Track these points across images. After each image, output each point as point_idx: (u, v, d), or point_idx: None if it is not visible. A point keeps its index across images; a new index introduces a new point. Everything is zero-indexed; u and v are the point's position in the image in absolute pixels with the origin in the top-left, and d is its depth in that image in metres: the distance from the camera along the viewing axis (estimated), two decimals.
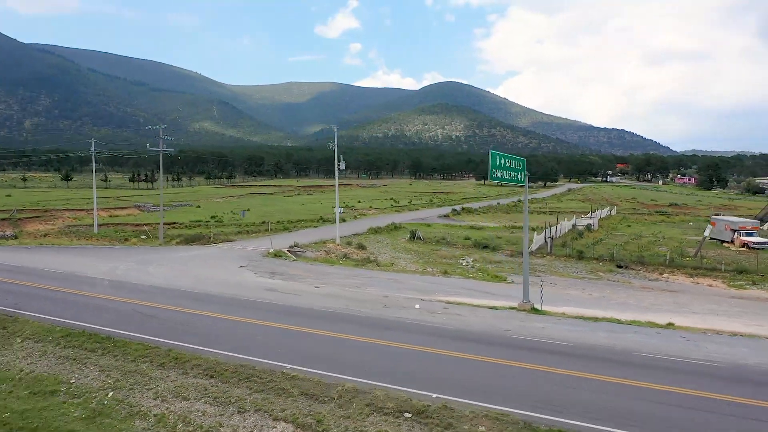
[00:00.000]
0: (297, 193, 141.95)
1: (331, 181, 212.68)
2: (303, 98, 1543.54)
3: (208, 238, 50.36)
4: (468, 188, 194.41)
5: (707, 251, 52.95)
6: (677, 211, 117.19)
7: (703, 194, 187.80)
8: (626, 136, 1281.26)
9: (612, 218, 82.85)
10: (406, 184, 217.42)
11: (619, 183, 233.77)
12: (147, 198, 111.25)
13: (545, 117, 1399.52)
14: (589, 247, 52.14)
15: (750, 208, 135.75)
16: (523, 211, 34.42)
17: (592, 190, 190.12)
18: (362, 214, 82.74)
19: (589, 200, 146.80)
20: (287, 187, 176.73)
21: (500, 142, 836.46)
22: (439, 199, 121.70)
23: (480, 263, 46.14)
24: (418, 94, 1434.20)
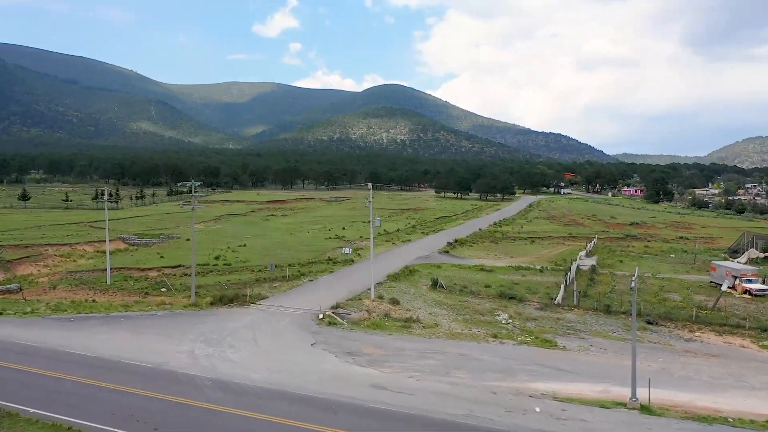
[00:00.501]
0: (270, 214, 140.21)
1: (292, 195, 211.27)
2: (243, 98, 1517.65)
3: (244, 297, 49.52)
4: (430, 202, 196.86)
5: (707, 296, 56.39)
6: (644, 233, 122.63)
7: (653, 208, 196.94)
8: (562, 140, 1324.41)
9: (600, 251, 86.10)
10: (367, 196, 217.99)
11: (572, 195, 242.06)
12: (122, 225, 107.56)
13: (485, 120, 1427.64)
14: (608, 295, 54.52)
15: (703, 226, 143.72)
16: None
17: (549, 204, 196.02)
18: (360, 248, 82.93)
19: (555, 219, 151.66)
20: (251, 202, 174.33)
21: (444, 146, 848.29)
22: (418, 222, 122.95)
23: (516, 319, 47.56)
24: (360, 96, 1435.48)
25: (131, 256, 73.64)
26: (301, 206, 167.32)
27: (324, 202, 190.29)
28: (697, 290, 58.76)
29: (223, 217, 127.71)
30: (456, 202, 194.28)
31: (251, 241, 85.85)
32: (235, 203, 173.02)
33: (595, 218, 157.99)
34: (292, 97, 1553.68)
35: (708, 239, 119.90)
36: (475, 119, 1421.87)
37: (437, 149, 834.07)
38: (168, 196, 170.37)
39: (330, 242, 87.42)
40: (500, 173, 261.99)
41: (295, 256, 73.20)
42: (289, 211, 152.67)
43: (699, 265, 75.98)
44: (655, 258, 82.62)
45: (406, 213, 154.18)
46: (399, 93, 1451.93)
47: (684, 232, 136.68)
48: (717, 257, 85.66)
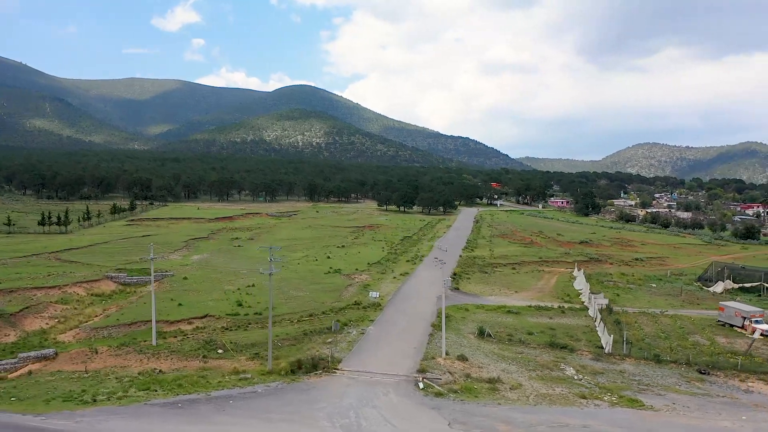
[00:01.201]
0: (234, 237, 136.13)
1: (234, 208, 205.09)
2: (146, 95, 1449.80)
3: (324, 362, 48.63)
4: (378, 216, 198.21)
5: (725, 337, 61.89)
6: (600, 254, 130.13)
7: (586, 221, 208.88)
8: (470, 144, 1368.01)
9: (591, 284, 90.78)
10: (312, 210, 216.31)
11: (506, 207, 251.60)
12: (86, 256, 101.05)
13: (395, 123, 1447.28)
14: (647, 341, 58.39)
15: (642, 243, 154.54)
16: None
17: (492, 219, 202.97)
18: (364, 284, 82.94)
19: (508, 237, 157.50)
20: (199, 220, 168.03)
21: (360, 150, 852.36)
22: (390, 246, 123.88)
23: (583, 373, 50.11)
24: (271, 96, 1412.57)
25: (144, 303, 69.78)
26: (256, 225, 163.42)
27: (273, 218, 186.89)
28: (713, 331, 64.16)
29: (189, 242, 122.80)
30: (404, 218, 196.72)
31: (252, 279, 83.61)
32: (183, 221, 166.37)
33: (542, 235, 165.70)
34: (198, 95, 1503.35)
35: (660, 260, 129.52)
36: (386, 121, 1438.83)
37: (353, 153, 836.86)
38: (112, 214, 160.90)
39: (332, 278, 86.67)
40: (436, 185, 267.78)
41: (315, 299, 72.29)
42: (247, 231, 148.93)
43: (687, 297, 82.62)
44: (641, 288, 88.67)
45: (364, 232, 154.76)
46: (310, 94, 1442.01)
47: (630, 250, 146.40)
48: (690, 285, 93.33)
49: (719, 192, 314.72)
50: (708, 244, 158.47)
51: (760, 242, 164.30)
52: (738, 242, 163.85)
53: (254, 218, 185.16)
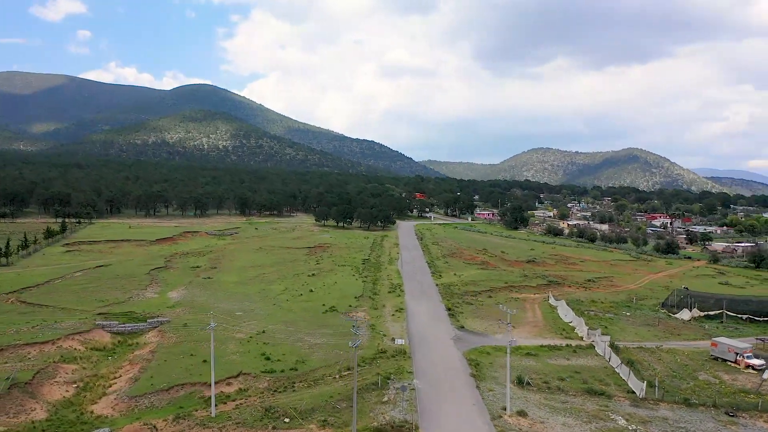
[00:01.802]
0: (195, 266, 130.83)
1: (166, 225, 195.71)
2: (28, 90, 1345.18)
3: (408, 431, 48.94)
4: (319, 234, 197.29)
5: (726, 373, 68.36)
6: (552, 275, 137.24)
7: (517, 235, 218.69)
8: (375, 147, 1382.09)
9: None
10: (249, 226, 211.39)
11: (438, 220, 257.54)
12: (46, 296, 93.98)
13: (300, 125, 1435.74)
14: (669, 383, 63.25)
15: (581, 260, 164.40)
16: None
17: (431, 234, 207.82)
18: (369, 323, 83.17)
19: (457, 256, 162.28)
20: (141, 242, 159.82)
21: (269, 154, 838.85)
22: (351, 268, 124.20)
23: (633, 422, 53.88)
24: (170, 95, 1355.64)
25: (164, 361, 66.32)
26: (205, 248, 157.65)
27: (215, 238, 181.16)
28: (712, 366, 70.44)
29: (151, 274, 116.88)
30: (347, 235, 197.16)
31: (252, 323, 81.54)
32: (123, 244, 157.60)
33: (488, 253, 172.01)
34: (87, 91, 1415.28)
35: (608, 280, 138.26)
36: (289, 123, 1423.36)
37: (262, 156, 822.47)
38: (47, 238, 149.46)
39: (334, 317, 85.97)
40: (367, 198, 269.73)
41: (336, 346, 71.62)
42: (200, 256, 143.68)
43: (664, 327, 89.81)
44: (619, 318, 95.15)
45: (320, 254, 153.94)
46: (211, 94, 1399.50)
47: (575, 269, 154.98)
48: (657, 312, 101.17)
49: (625, 203, 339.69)
50: (636, 260, 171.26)
51: (680, 256, 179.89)
52: (661, 257, 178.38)
53: (195, 238, 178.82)
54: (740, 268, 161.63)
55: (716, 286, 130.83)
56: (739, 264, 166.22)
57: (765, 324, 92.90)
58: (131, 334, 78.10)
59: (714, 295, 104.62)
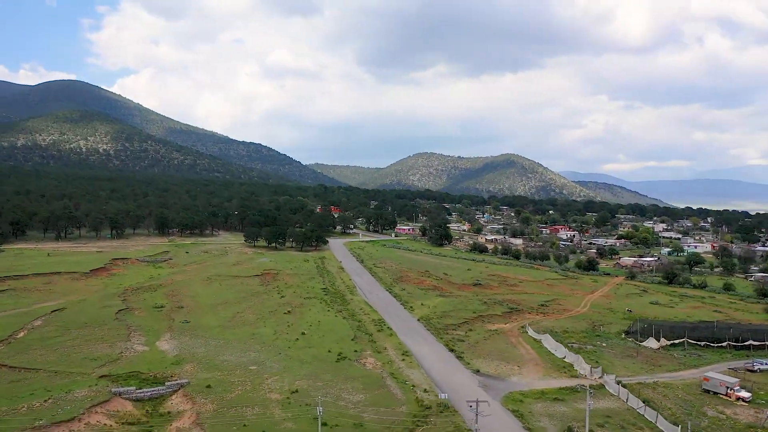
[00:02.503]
0: (178, 306, 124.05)
1: (87, 249, 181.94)
2: None
3: None
4: (252, 255, 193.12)
5: (726, 407, 77.44)
6: (501, 298, 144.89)
7: (447, 254, 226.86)
8: (263, 150, 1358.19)
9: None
10: (178, 249, 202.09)
11: (365, 237, 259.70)
12: (15, 354, 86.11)
13: (182, 126, 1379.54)
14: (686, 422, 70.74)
15: (520, 281, 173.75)
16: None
17: (367, 254, 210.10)
18: (389, 372, 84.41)
19: (408, 281, 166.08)
20: (76, 278, 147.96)
21: (155, 159, 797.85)
22: (318, 301, 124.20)
23: None
24: (34, 92, 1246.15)
25: None
26: (150, 280, 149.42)
27: (150, 265, 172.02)
28: (712, 401, 79.19)
29: (120, 319, 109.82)
30: (286, 258, 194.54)
31: (274, 379, 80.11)
32: (54, 277, 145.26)
33: (431, 275, 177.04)
34: None
35: (557, 303, 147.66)
36: (171, 123, 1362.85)
37: (147, 161, 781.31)
38: None
39: (350, 367, 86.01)
40: (291, 216, 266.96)
41: (381, 404, 72.44)
42: (152, 291, 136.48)
43: (644, 359, 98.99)
44: (599, 350, 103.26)
45: (274, 284, 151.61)
46: (83, 91, 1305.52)
47: (518, 291, 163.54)
48: (624, 341, 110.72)
49: (528, 215, 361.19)
50: (566, 278, 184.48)
51: (600, 273, 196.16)
52: (584, 274, 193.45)
53: (129, 267, 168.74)
54: (656, 284, 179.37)
55: (648, 306, 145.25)
56: (654, 280, 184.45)
57: (720, 350, 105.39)
58: (151, 400, 74.03)
59: (666, 322, 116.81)
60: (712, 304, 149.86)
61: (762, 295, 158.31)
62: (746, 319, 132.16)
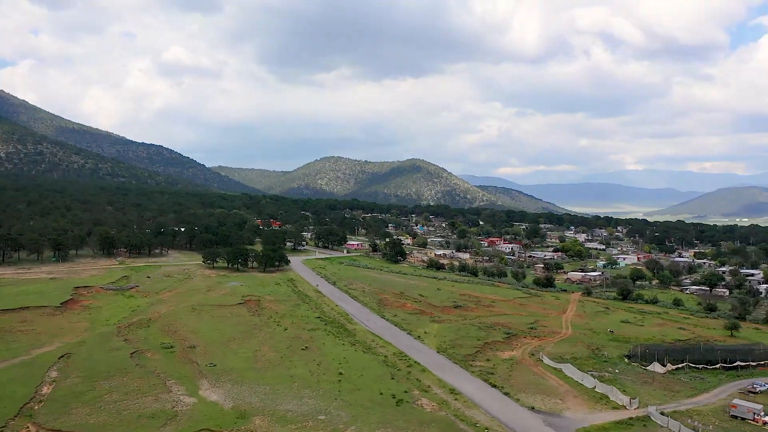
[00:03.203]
0: (167, 345, 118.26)
1: (33, 275, 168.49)
2: None
3: None
4: (216, 278, 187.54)
5: (748, 429, 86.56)
6: (491, 321, 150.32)
7: (405, 270, 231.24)
8: (165, 153, 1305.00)
9: None
10: (136, 274, 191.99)
11: (323, 255, 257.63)
12: None
13: (75, 125, 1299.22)
14: None
15: (492, 302, 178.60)
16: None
17: (331, 274, 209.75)
18: (461, 417, 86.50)
19: (392, 305, 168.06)
20: (40, 309, 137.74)
21: (53, 163, 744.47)
22: (326, 332, 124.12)
23: None
24: None
25: None
26: (133, 315, 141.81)
27: (118, 293, 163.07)
28: (742, 426, 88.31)
29: (136, 361, 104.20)
30: (254, 280, 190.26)
31: (351, 429, 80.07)
32: (24, 313, 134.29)
33: (407, 296, 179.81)
34: None
35: (543, 326, 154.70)
36: (62, 122, 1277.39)
37: (44, 165, 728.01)
38: None
39: (416, 412, 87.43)
40: (243, 232, 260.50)
41: None
42: (144, 328, 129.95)
43: (660, 384, 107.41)
44: (614, 376, 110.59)
45: (258, 312, 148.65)
46: None
47: (497, 312, 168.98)
48: (629, 365, 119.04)
49: (463, 227, 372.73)
50: (531, 296, 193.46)
51: (557, 290, 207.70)
52: (543, 290, 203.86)
53: (99, 296, 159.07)
54: (611, 300, 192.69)
55: (622, 325, 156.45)
56: (609, 296, 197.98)
57: (714, 372, 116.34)
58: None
59: (661, 345, 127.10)
60: (673, 320, 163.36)
61: (708, 309, 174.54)
62: (712, 336, 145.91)
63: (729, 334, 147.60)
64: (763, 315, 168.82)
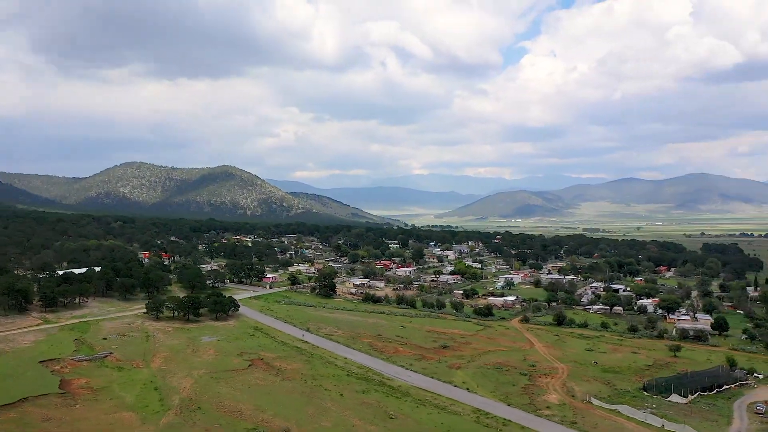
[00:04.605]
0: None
1: None
2: None
3: None
4: (174, 333, 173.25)
5: None
6: (496, 361, 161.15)
7: (345, 306, 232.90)
8: None
9: None
10: (87, 337, 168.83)
11: (248, 293, 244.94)
12: None
13: None
14: None
15: (465, 341, 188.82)
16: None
17: (292, 317, 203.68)
18: None
19: (388, 351, 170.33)
20: (36, 404, 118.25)
21: None
22: (374, 392, 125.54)
23: None
24: None
25: None
26: (142, 386, 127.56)
27: (96, 365, 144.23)
28: None
29: None
30: (222, 331, 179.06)
31: None
32: (28, 410, 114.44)
33: (382, 338, 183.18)
34: None
35: (537, 362, 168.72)
36: None
37: None
38: None
39: None
40: (158, 271, 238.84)
41: None
42: (227, 417, 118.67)
43: (699, 416, 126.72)
44: (662, 411, 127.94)
45: (285, 374, 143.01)
46: None
47: (481, 350, 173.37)
48: (652, 397, 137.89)
49: (345, 248, 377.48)
50: (485, 329, 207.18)
51: (496, 318, 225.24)
52: (487, 320, 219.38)
53: (87, 372, 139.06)
54: (548, 326, 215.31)
55: (592, 354, 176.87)
56: (545, 323, 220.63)
57: (713, 397, 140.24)
58: None
59: (671, 377, 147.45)
60: (623, 345, 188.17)
61: (632, 330, 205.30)
62: (662, 358, 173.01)
63: (673, 355, 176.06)
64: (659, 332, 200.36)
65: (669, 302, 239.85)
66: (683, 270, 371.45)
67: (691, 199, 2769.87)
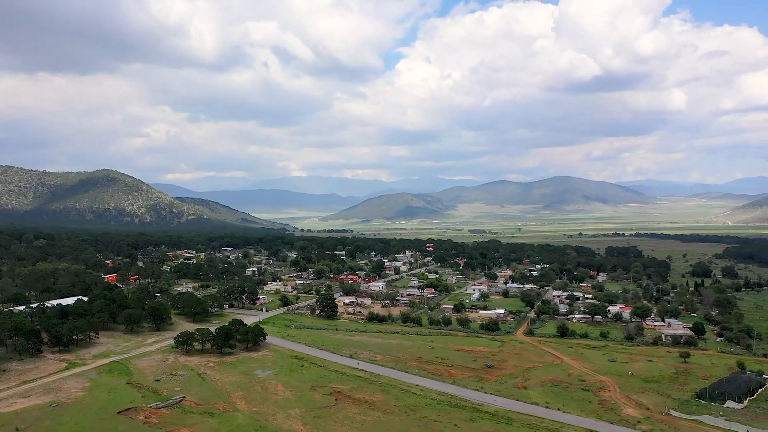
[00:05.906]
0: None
1: None
2: None
3: None
4: (212, 365, 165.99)
5: None
6: (551, 379, 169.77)
7: (353, 327, 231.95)
8: None
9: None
10: (115, 381, 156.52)
11: (256, 317, 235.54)
12: None
13: None
14: None
15: (493, 354, 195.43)
16: None
17: (317, 341, 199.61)
18: None
19: (440, 374, 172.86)
20: None
21: None
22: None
23: None
24: None
25: None
26: None
27: (176, 412, 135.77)
28: None
29: None
30: (270, 363, 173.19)
31: None
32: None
33: (429, 361, 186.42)
34: None
35: (583, 379, 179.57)
36: None
37: None
38: None
39: None
40: (153, 299, 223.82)
41: None
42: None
43: (762, 419, 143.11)
44: (736, 422, 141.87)
45: (400, 414, 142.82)
46: None
47: (523, 367, 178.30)
48: (708, 405, 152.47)
49: (303, 263, 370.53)
50: (504, 343, 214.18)
51: (502, 332, 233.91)
52: (496, 335, 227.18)
53: (176, 420, 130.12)
54: (553, 338, 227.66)
55: (611, 365, 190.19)
56: (549, 335, 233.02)
57: (757, 399, 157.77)
58: None
59: (719, 381, 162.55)
60: (638, 354, 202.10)
61: (629, 339, 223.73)
62: (677, 365, 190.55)
63: (683, 361, 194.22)
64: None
65: (642, 309, 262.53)
66: (615, 275, 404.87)
67: (557, 200, 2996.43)
